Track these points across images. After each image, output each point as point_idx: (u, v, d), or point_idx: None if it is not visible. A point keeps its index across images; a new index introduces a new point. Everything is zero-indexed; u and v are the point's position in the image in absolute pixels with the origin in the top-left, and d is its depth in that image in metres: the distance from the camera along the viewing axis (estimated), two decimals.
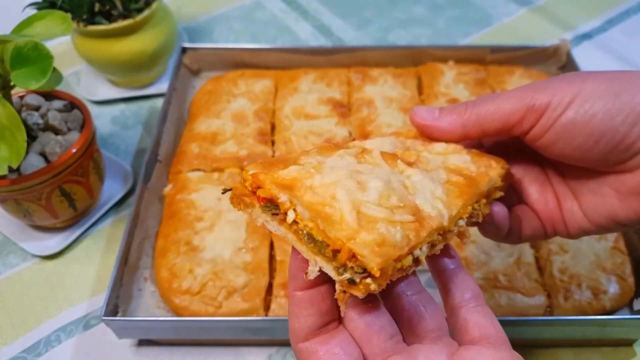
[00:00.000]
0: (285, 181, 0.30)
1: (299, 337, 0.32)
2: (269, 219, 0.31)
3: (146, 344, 0.56)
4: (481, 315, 0.33)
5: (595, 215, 0.37)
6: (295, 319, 0.32)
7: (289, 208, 0.29)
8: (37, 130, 0.59)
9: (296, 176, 0.30)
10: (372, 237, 0.28)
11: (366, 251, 0.27)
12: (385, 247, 0.28)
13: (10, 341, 0.57)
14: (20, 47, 0.49)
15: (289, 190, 0.29)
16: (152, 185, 0.63)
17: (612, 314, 0.55)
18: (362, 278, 0.27)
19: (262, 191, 0.30)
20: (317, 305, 0.32)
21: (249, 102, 0.74)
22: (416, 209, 0.31)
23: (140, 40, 0.74)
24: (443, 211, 0.31)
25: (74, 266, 0.63)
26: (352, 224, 0.28)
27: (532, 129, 0.34)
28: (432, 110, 0.38)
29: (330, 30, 0.94)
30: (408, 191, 0.32)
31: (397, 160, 0.34)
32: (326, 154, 0.33)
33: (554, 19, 0.95)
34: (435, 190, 0.33)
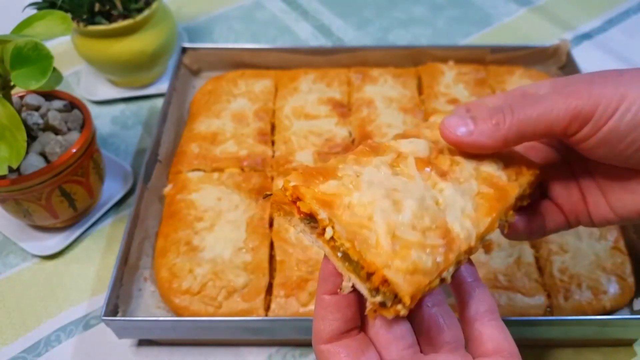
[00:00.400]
0: (324, 197, 0.31)
1: (322, 338, 0.33)
2: (307, 231, 0.32)
3: (146, 344, 0.56)
4: (495, 329, 0.34)
5: (624, 210, 0.36)
6: (321, 320, 0.33)
7: (328, 225, 0.31)
8: (37, 130, 0.59)
9: (335, 192, 0.31)
10: (405, 265, 0.29)
11: (399, 279, 0.29)
12: (417, 275, 0.29)
13: (10, 341, 0.57)
14: (20, 47, 0.49)
15: (328, 208, 0.30)
16: (152, 185, 0.63)
17: (612, 314, 0.55)
18: (393, 303, 0.29)
19: (303, 205, 0.31)
20: (342, 311, 0.33)
21: (249, 102, 0.74)
22: (446, 229, 0.32)
23: (140, 40, 0.74)
24: (471, 231, 0.32)
25: (74, 266, 0.63)
26: (386, 248, 0.29)
27: (575, 135, 0.34)
28: (465, 121, 0.35)
29: (330, 30, 0.94)
30: (439, 208, 0.33)
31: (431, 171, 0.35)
32: (363, 162, 0.34)
33: (554, 19, 0.95)
34: (466, 206, 0.33)
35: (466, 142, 0.35)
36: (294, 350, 0.56)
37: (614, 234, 0.59)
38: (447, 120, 0.35)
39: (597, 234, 0.59)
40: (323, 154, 0.67)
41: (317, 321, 0.33)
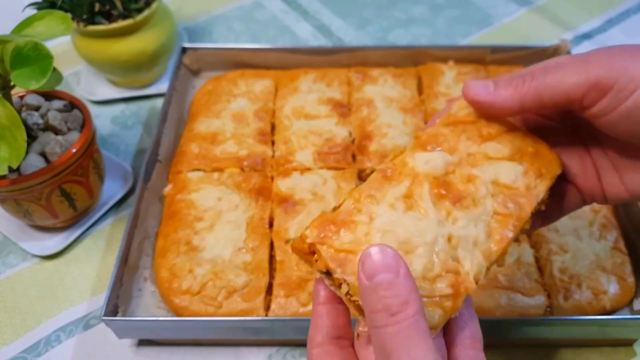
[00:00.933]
0: (338, 255, 0.32)
1: (313, 344, 0.34)
2: (327, 281, 0.34)
3: (146, 344, 0.56)
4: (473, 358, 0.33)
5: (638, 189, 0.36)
6: (313, 328, 0.35)
7: (343, 282, 0.32)
8: (37, 130, 0.59)
9: (349, 248, 0.32)
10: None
11: None
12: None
13: (10, 341, 0.57)
14: (20, 47, 0.49)
15: (342, 267, 0.32)
16: (152, 185, 0.63)
17: (612, 314, 0.55)
18: None
19: (320, 263, 0.33)
20: (332, 319, 0.35)
21: (249, 102, 0.74)
22: (456, 270, 0.33)
23: (140, 40, 0.74)
24: (482, 265, 0.33)
25: (74, 266, 0.63)
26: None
27: (593, 107, 0.33)
28: (487, 84, 0.36)
29: (330, 30, 0.94)
30: (451, 245, 0.33)
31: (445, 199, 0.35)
32: (377, 198, 0.34)
33: (554, 19, 0.95)
34: (479, 235, 0.34)
35: (483, 102, 0.36)
36: (294, 350, 0.56)
37: (614, 234, 0.59)
38: (470, 82, 0.37)
39: (597, 234, 0.59)
40: (323, 154, 0.67)
41: (310, 330, 0.35)
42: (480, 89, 0.36)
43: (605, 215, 0.61)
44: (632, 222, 0.60)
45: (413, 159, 0.36)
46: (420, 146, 0.37)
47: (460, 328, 0.33)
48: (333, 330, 0.34)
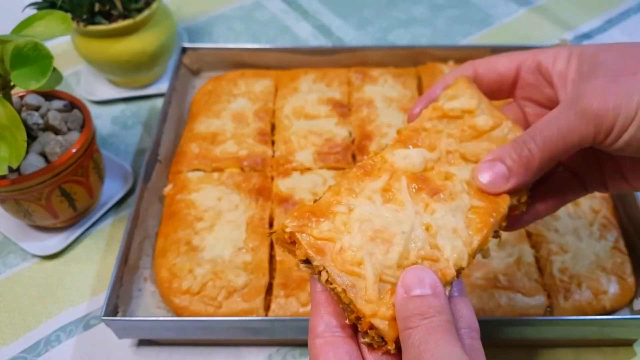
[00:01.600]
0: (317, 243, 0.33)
1: (314, 333, 0.34)
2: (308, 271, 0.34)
3: (146, 344, 0.56)
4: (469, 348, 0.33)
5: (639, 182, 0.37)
6: (314, 316, 0.34)
7: (322, 270, 0.33)
8: (37, 130, 0.59)
9: (327, 237, 0.33)
10: (390, 313, 0.31)
11: (384, 326, 0.31)
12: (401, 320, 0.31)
13: (10, 341, 0.57)
14: (20, 47, 0.49)
15: (321, 255, 0.33)
16: (152, 185, 0.63)
17: (612, 314, 0.55)
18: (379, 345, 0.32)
19: (299, 252, 0.33)
20: (333, 306, 0.34)
21: (249, 102, 0.74)
22: (435, 256, 0.33)
23: (140, 40, 0.74)
24: (463, 252, 0.34)
25: (74, 266, 0.63)
26: (373, 296, 0.31)
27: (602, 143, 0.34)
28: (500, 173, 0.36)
29: (330, 30, 0.94)
30: (429, 234, 0.34)
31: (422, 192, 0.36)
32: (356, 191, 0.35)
33: (554, 19, 0.95)
34: (457, 225, 0.35)
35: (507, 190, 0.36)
36: (294, 350, 0.56)
37: (614, 234, 0.59)
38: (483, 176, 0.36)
39: (597, 234, 0.59)
40: (323, 154, 0.67)
41: (311, 318, 0.34)
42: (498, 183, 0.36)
43: (605, 216, 0.61)
44: (632, 222, 0.60)
45: (392, 155, 0.37)
46: (401, 142, 0.38)
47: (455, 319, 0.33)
48: (336, 317, 0.34)
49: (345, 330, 0.34)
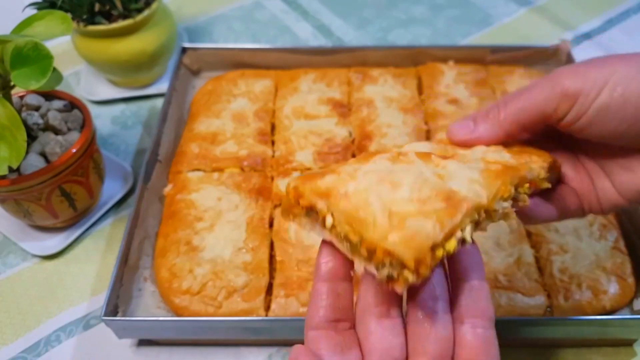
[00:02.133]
0: (321, 190, 0.32)
1: (310, 325, 0.33)
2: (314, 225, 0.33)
3: (146, 344, 0.56)
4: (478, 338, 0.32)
5: (628, 191, 0.37)
6: (311, 307, 0.33)
7: (327, 214, 0.31)
8: (37, 130, 0.59)
9: (331, 184, 0.32)
10: (403, 233, 0.29)
11: (399, 247, 0.28)
12: (418, 239, 0.28)
13: (10, 341, 0.57)
14: (20, 47, 0.49)
15: (325, 198, 0.31)
16: (152, 185, 0.63)
17: (612, 314, 0.55)
18: (400, 273, 0.29)
19: (303, 200, 0.32)
20: (332, 299, 0.33)
21: (249, 102, 0.74)
22: (449, 193, 0.31)
23: (140, 40, 0.74)
24: (480, 191, 0.32)
25: (74, 266, 0.63)
26: (383, 224, 0.29)
27: (566, 116, 0.35)
28: (467, 123, 0.38)
29: (330, 30, 0.94)
30: (442, 180, 0.32)
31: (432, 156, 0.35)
32: (363, 162, 0.34)
33: (554, 19, 0.95)
34: (472, 175, 0.33)
35: (471, 140, 0.38)
36: None
37: (614, 234, 0.59)
38: (451, 127, 0.39)
39: (597, 234, 0.59)
40: (323, 154, 0.67)
41: (309, 307, 0.34)
42: (462, 130, 0.38)
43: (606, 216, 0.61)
44: (632, 222, 0.60)
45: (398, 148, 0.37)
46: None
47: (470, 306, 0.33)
48: (333, 312, 0.33)
49: (341, 323, 0.33)
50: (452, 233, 0.30)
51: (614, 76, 0.33)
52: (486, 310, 0.33)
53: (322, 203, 0.31)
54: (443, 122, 0.70)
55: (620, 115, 0.33)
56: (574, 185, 0.40)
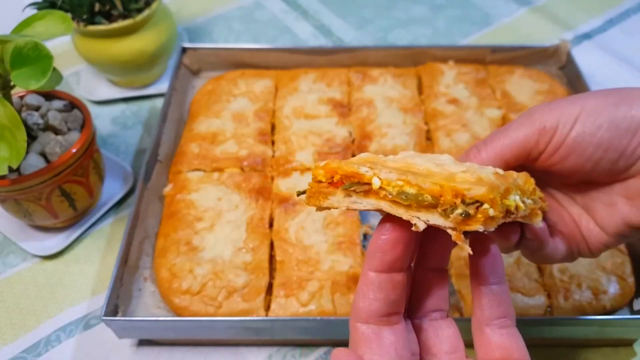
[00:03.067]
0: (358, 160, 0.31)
1: (359, 317, 0.31)
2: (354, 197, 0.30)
3: (146, 344, 0.56)
4: (507, 337, 0.33)
5: (611, 226, 0.38)
6: (361, 298, 0.31)
7: (373, 176, 0.29)
8: (37, 130, 0.59)
9: (368, 158, 0.31)
10: (469, 177, 0.28)
11: (470, 184, 0.28)
12: (485, 181, 0.28)
13: (10, 341, 0.57)
14: (20, 47, 0.49)
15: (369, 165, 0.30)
16: (152, 185, 0.63)
17: (612, 314, 0.55)
18: (477, 208, 0.27)
19: (341, 170, 0.30)
20: (385, 292, 0.31)
21: (249, 102, 0.74)
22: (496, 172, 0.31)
23: (140, 40, 0.74)
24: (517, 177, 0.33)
25: (74, 266, 0.63)
26: (442, 173, 0.29)
27: (546, 148, 0.37)
28: None
29: (330, 30, 0.94)
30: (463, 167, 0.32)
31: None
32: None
33: (554, 19, 0.95)
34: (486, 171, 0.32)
35: None
36: (294, 350, 0.56)
37: None
38: None
39: None
40: (323, 154, 0.67)
41: (357, 298, 0.31)
42: None
43: None
44: None
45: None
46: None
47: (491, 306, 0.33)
48: (384, 306, 0.31)
49: (392, 318, 0.32)
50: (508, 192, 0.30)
51: (586, 108, 0.36)
52: (508, 311, 0.34)
53: (364, 168, 0.30)
54: (443, 122, 0.70)
55: (594, 141, 0.35)
56: (561, 229, 0.41)
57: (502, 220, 0.29)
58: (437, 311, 0.35)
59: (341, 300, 0.54)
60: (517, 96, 0.74)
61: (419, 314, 0.35)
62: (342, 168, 0.30)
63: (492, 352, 0.33)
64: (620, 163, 0.36)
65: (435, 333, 0.34)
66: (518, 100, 0.73)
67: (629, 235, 0.38)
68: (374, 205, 0.30)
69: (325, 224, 0.60)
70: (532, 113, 0.38)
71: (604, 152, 0.35)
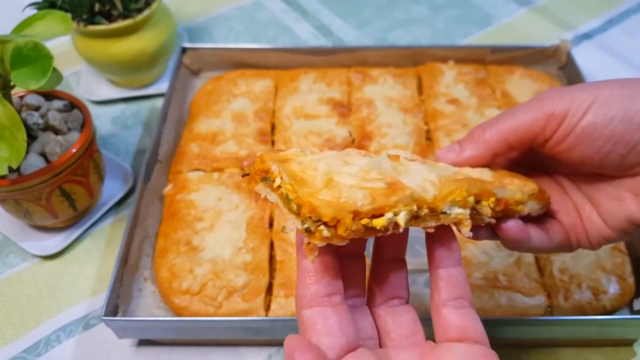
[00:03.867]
0: (281, 157, 0.34)
1: (303, 304, 0.33)
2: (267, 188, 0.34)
3: (146, 344, 0.56)
4: (464, 317, 0.33)
5: (615, 220, 0.37)
6: (300, 286, 0.33)
7: (277, 176, 0.33)
8: (37, 130, 0.59)
9: (291, 155, 0.34)
10: (332, 194, 0.30)
11: (322, 204, 0.30)
12: (342, 203, 0.30)
13: (10, 341, 0.57)
14: (20, 47, 0.49)
15: (280, 163, 0.33)
16: (152, 185, 0.63)
17: (612, 314, 0.55)
18: (317, 227, 0.30)
19: (261, 164, 0.34)
20: (320, 274, 0.33)
21: (249, 102, 0.74)
22: (395, 181, 0.32)
23: (140, 40, 0.74)
24: (429, 188, 0.33)
25: (74, 266, 0.63)
26: (318, 185, 0.31)
27: (554, 135, 0.36)
28: (453, 148, 0.39)
29: (330, 30, 0.94)
30: (396, 172, 0.33)
31: (400, 157, 0.36)
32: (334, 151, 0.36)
33: (554, 19, 0.95)
34: (430, 176, 0.33)
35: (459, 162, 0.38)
36: None
37: None
38: (439, 153, 0.39)
39: None
40: None
41: (298, 287, 0.33)
42: (450, 154, 0.38)
43: None
44: None
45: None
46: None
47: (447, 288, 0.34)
48: (322, 288, 0.32)
49: (332, 298, 0.33)
50: (382, 210, 0.30)
51: (599, 98, 0.34)
52: (464, 293, 0.34)
53: (275, 167, 0.33)
54: (443, 122, 0.70)
55: (605, 133, 0.34)
56: (561, 218, 0.40)
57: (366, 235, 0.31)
58: (395, 298, 0.36)
59: None
60: (517, 96, 0.74)
61: (377, 302, 0.36)
62: (264, 161, 0.34)
63: (449, 332, 0.33)
64: (631, 158, 0.35)
65: (393, 319, 0.35)
66: (518, 100, 0.73)
67: (632, 233, 0.37)
68: (274, 200, 0.33)
69: None
70: (543, 97, 0.36)
71: (614, 145, 0.34)
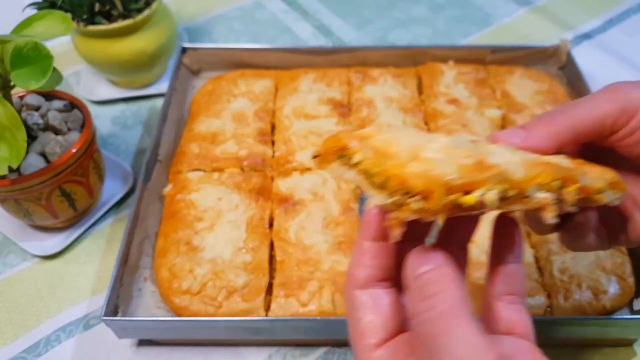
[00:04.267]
0: (358, 135, 0.33)
1: (356, 284, 0.32)
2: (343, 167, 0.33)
3: (146, 344, 0.56)
4: (515, 312, 0.34)
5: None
6: (356, 266, 0.33)
7: (356, 152, 0.31)
8: (37, 130, 0.59)
9: (370, 132, 0.32)
10: (421, 166, 0.28)
11: (411, 175, 0.28)
12: (433, 174, 0.28)
13: (10, 341, 0.57)
14: (20, 47, 0.49)
15: (359, 139, 0.32)
16: (152, 185, 0.63)
17: (612, 314, 0.55)
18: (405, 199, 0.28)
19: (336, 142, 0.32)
20: (379, 259, 0.32)
21: (249, 102, 0.74)
22: (483, 160, 0.30)
23: (140, 40, 0.74)
24: (516, 169, 0.31)
25: (74, 266, 0.63)
26: (405, 159, 0.29)
27: (620, 130, 0.35)
28: (517, 132, 0.36)
29: (330, 30, 0.94)
30: (480, 151, 0.31)
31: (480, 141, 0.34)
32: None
33: (554, 19, 0.95)
34: (514, 158, 0.32)
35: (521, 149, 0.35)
36: (294, 350, 0.56)
37: None
38: (498, 135, 0.36)
39: None
40: None
41: (352, 267, 0.33)
42: (515, 138, 0.35)
43: None
44: None
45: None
46: None
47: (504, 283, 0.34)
48: (379, 272, 0.32)
49: (386, 282, 0.33)
50: (473, 186, 0.29)
51: None
52: (519, 290, 0.34)
53: (354, 142, 0.32)
54: (443, 122, 0.70)
55: None
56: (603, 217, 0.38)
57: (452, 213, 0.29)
58: None
59: (341, 301, 0.54)
60: (517, 96, 0.74)
61: None
62: (339, 140, 0.32)
63: (497, 324, 0.33)
64: None
65: None
66: (518, 100, 0.73)
67: None
68: (353, 177, 0.32)
69: (326, 224, 0.60)
70: (614, 89, 0.35)
71: None
